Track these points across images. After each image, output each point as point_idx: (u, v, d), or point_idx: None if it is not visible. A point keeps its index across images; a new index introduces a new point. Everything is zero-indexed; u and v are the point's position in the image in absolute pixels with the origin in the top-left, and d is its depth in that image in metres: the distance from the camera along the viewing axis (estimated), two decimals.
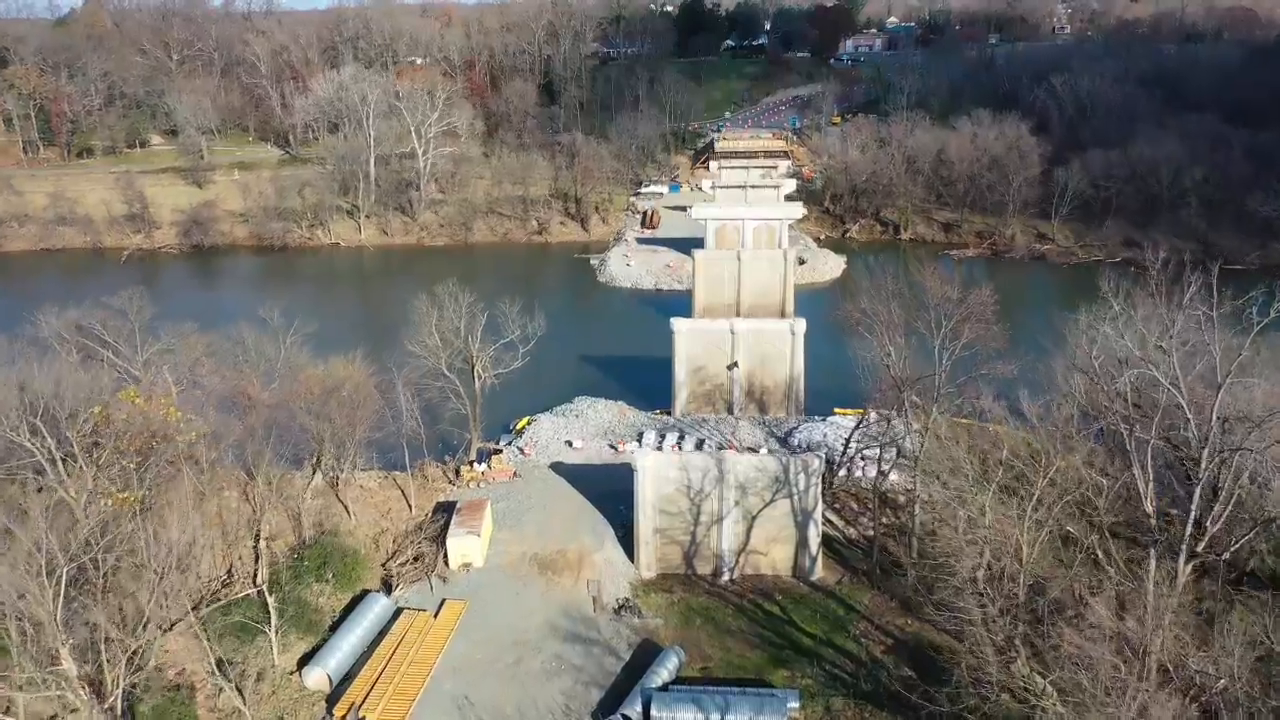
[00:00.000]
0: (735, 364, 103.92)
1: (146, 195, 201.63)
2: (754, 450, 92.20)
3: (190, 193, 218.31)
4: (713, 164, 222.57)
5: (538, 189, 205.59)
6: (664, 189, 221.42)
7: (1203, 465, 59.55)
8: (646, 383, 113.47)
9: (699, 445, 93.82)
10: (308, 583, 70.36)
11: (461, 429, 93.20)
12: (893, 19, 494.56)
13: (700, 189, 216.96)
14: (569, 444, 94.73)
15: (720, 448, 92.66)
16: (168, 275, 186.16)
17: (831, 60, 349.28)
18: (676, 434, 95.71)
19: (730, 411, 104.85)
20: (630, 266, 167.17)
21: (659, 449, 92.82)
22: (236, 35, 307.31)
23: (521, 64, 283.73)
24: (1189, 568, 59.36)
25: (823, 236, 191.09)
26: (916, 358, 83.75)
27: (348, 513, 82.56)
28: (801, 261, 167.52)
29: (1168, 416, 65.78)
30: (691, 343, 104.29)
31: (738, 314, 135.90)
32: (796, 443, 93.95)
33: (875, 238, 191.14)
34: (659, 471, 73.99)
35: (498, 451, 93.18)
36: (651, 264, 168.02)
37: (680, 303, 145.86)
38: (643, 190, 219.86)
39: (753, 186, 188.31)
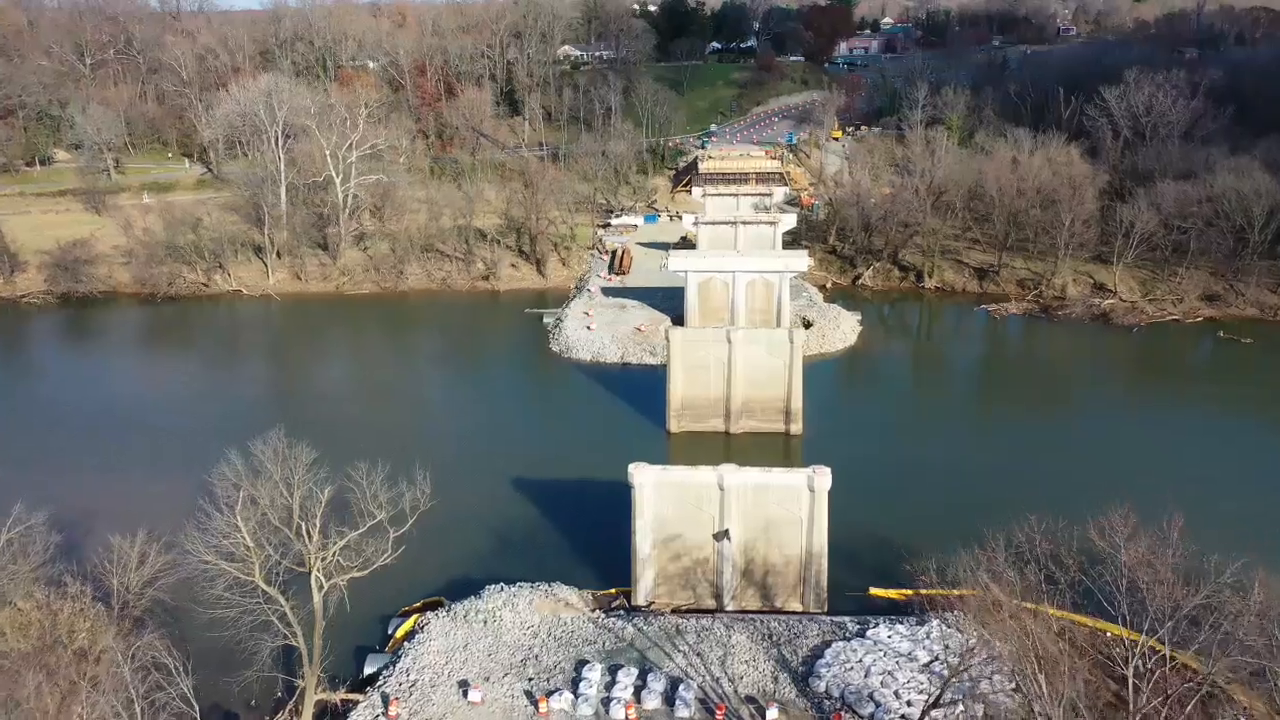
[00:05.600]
0: (726, 533, 69.70)
1: (2, 230, 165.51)
2: (759, 708, 57.98)
3: (78, 223, 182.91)
4: (696, 189, 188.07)
5: (486, 220, 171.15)
6: (638, 220, 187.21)
7: None
8: (600, 534, 79.43)
9: (669, 696, 59.29)
10: None
11: (291, 673, 58.70)
12: (887, 20, 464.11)
13: (679, 218, 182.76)
14: (463, 689, 60.05)
15: (707, 709, 58.25)
16: (12, 339, 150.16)
17: (826, 64, 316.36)
18: (635, 669, 61.30)
19: (718, 603, 70.63)
20: (591, 331, 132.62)
21: (606, 703, 58.43)
22: (160, 36, 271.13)
23: (480, 69, 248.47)
24: None
25: (829, 284, 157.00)
26: None
27: None
28: (807, 325, 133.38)
29: None
30: (660, 501, 69.99)
31: (727, 412, 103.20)
32: (824, 688, 59.71)
33: (893, 285, 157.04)
34: None
35: (349, 704, 58.70)
36: (618, 327, 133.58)
37: (653, 382, 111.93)
38: (613, 222, 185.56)
39: (744, 222, 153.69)
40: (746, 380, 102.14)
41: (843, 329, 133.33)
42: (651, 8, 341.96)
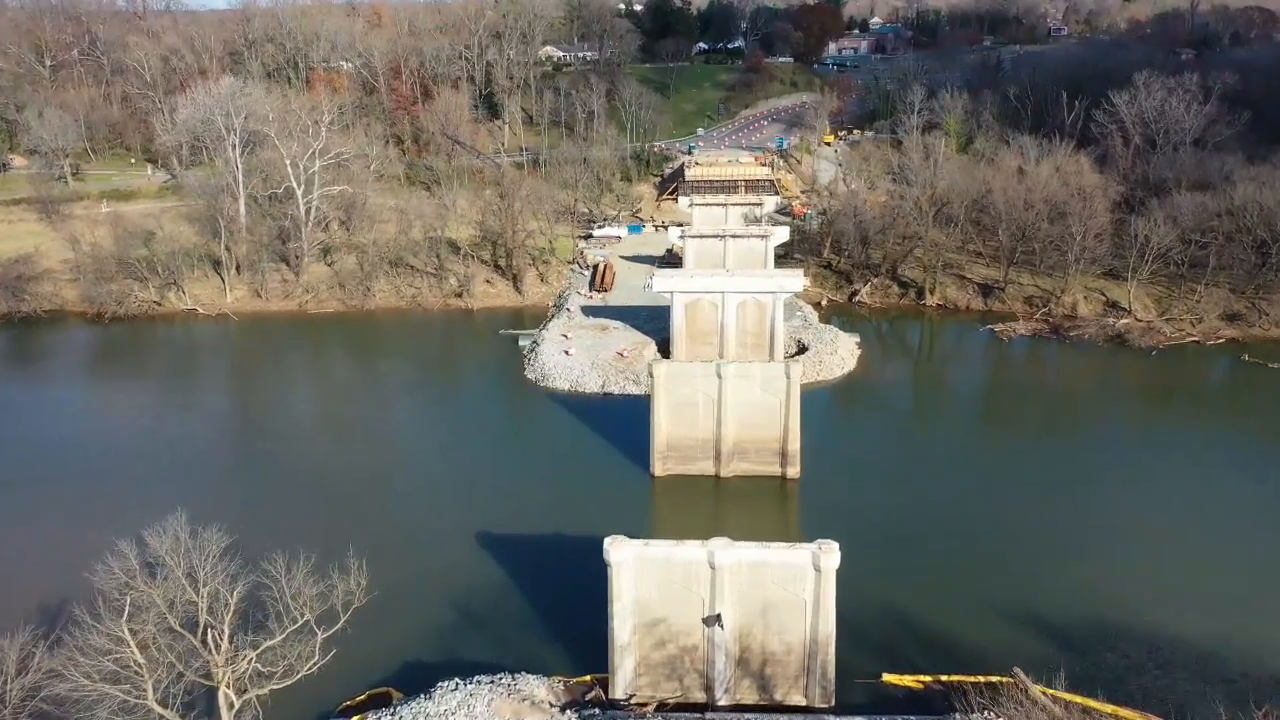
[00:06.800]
0: (718, 617, 60.17)
1: None
2: None
3: (30, 234, 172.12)
4: (683, 199, 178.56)
5: (461, 232, 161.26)
6: (621, 231, 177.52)
7: None
8: (573, 604, 70.04)
9: None
10: None
11: None
12: (876, 19, 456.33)
13: (665, 228, 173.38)
14: None
15: None
16: None
17: (815, 65, 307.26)
18: None
19: (709, 696, 61.09)
20: (569, 356, 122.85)
21: None
22: (123, 37, 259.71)
23: (458, 71, 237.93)
24: None
25: (824, 301, 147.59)
26: None
27: None
28: (803, 349, 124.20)
29: None
30: (642, 581, 60.39)
31: (717, 454, 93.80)
32: None
33: (892, 302, 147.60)
34: None
35: None
36: (599, 352, 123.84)
37: (636, 414, 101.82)
38: (595, 233, 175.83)
39: (734, 236, 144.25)
40: (738, 419, 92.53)
41: (840, 353, 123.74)
42: (637, 7, 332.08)
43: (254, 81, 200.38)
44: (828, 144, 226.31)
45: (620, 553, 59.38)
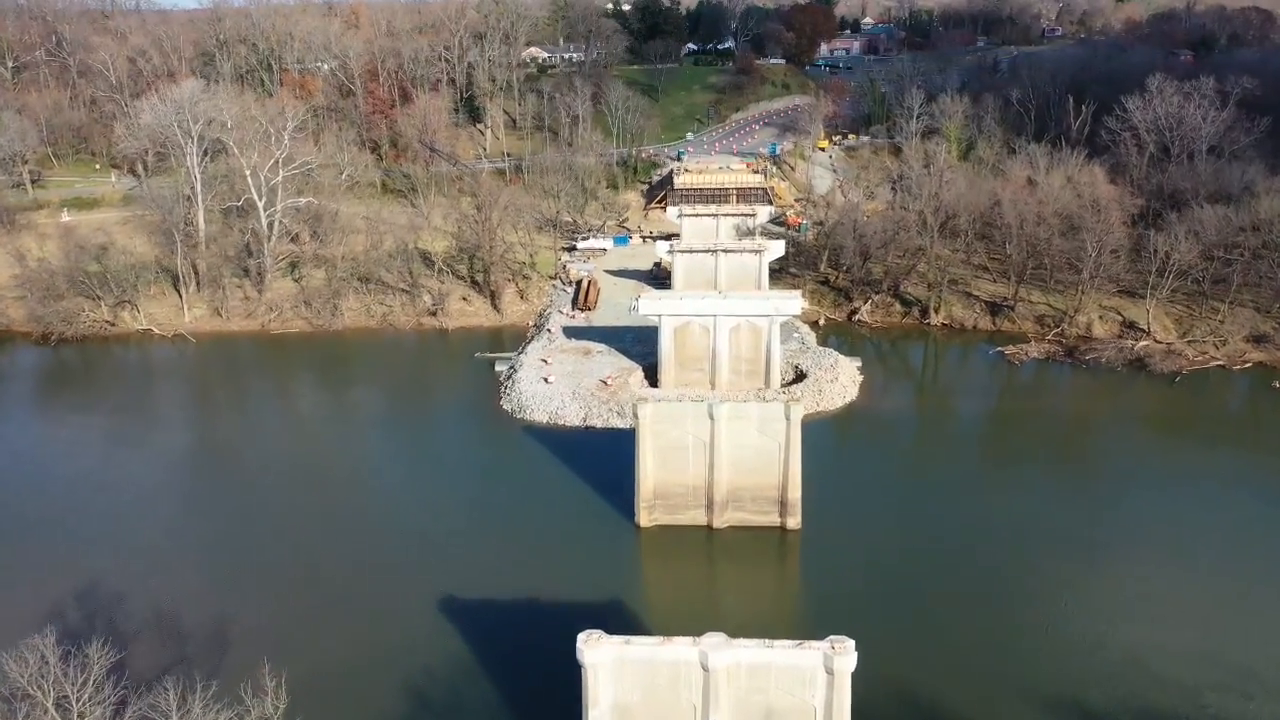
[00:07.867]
0: None
1: None
2: None
3: None
4: (671, 208, 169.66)
5: (438, 244, 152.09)
6: (607, 243, 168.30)
7: None
8: (544, 698, 61.07)
9: None
10: None
11: None
12: (867, 20, 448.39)
13: (653, 239, 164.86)
14: None
15: None
16: None
17: (807, 67, 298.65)
18: None
19: None
20: (549, 384, 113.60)
21: None
22: (88, 37, 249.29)
23: (438, 73, 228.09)
24: None
25: (822, 319, 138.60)
26: None
27: None
28: (801, 375, 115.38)
29: None
30: (622, 685, 51.26)
31: (709, 502, 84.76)
32: None
33: (894, 321, 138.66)
34: None
35: None
36: (581, 379, 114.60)
37: (619, 451, 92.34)
38: (579, 245, 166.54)
39: (726, 251, 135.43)
40: (733, 464, 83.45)
41: (841, 380, 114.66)
42: (625, 7, 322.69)
43: (225, 84, 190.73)
44: (822, 149, 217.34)
45: (596, 653, 50.27)
